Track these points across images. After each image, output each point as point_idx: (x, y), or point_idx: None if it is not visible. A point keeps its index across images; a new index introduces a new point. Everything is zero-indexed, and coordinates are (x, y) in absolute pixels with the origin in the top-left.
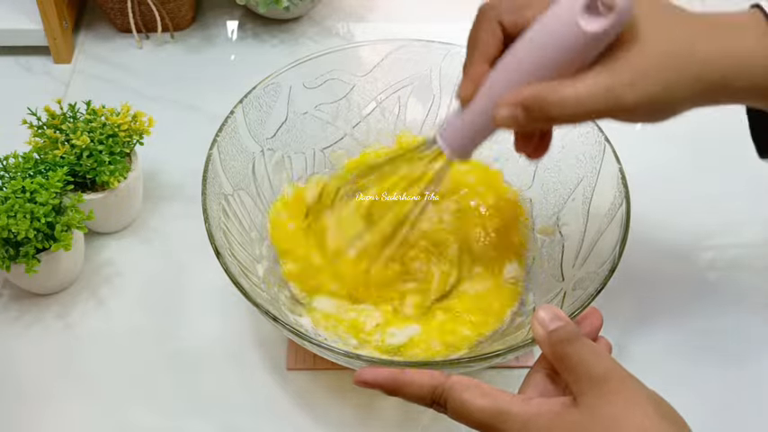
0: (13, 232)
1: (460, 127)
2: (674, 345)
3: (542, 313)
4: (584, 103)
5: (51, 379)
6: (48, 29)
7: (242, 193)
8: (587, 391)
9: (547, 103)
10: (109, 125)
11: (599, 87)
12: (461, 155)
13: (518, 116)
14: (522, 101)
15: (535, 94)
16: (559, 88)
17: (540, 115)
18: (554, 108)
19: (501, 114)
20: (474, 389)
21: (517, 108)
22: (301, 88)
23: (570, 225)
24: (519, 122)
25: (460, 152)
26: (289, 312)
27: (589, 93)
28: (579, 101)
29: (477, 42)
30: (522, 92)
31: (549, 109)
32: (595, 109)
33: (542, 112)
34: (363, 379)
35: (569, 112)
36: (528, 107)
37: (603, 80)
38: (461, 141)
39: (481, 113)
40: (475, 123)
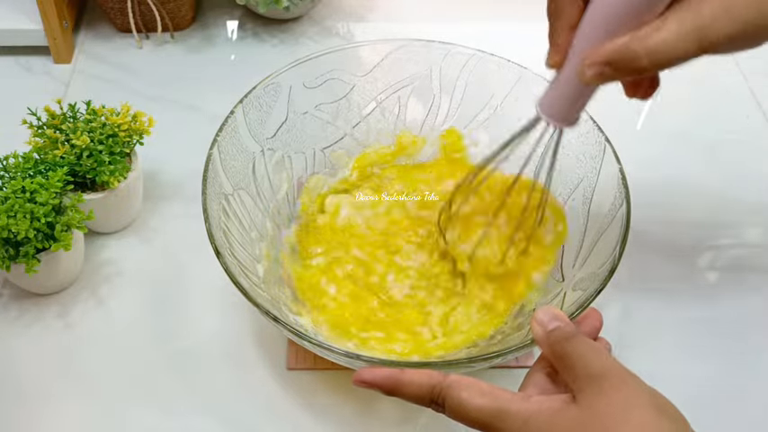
0: (13, 232)
1: (558, 96)
2: (674, 344)
3: (541, 314)
4: (675, 48)
5: (51, 379)
6: (48, 29)
7: (242, 193)
8: (586, 389)
9: (635, 56)
10: (109, 125)
11: (686, 28)
12: (568, 122)
13: (605, 72)
14: (607, 57)
15: (619, 48)
16: (644, 38)
17: (628, 68)
18: (642, 59)
19: (588, 74)
20: (472, 388)
21: (604, 66)
22: (301, 88)
23: (570, 225)
24: (608, 78)
25: (566, 120)
26: (289, 312)
27: (678, 36)
28: (668, 46)
29: (558, 10)
30: (606, 47)
31: (637, 61)
32: (687, 51)
33: (631, 65)
34: (362, 379)
35: (660, 60)
36: (614, 62)
37: (690, 20)
38: (563, 109)
39: (572, 77)
40: (570, 88)
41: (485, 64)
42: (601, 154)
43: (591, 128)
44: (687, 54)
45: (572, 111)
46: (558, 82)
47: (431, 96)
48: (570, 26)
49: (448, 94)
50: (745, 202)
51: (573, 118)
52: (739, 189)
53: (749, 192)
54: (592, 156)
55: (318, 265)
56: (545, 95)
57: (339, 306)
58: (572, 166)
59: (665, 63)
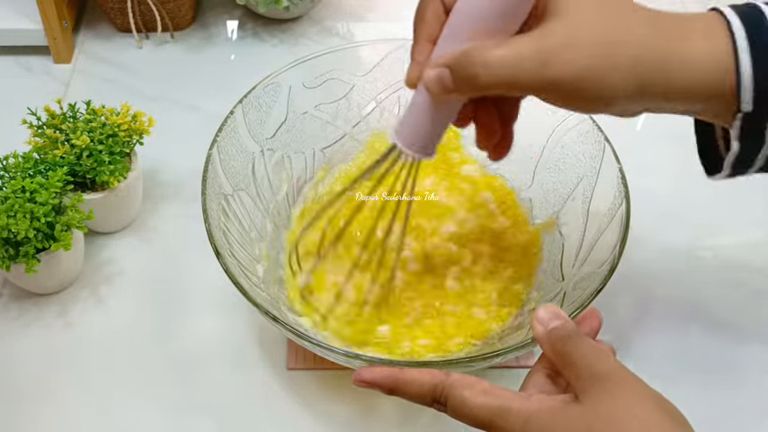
0: (13, 232)
1: (413, 120)
2: (674, 344)
3: (542, 312)
4: (510, 67)
5: (51, 378)
6: (48, 29)
7: (242, 194)
8: (589, 388)
9: (472, 64)
10: (109, 125)
11: (525, 51)
12: (424, 150)
13: (445, 79)
14: (447, 62)
15: (460, 54)
16: (485, 50)
17: (466, 76)
18: (479, 69)
19: (428, 77)
20: (474, 386)
21: (444, 70)
22: (301, 88)
23: (570, 225)
24: (446, 86)
25: (422, 147)
26: (289, 312)
27: (516, 56)
28: (505, 64)
29: (420, 22)
30: (448, 54)
31: (474, 71)
32: (522, 76)
33: (468, 74)
34: (362, 378)
35: (495, 76)
36: (453, 68)
37: (531, 44)
38: (419, 135)
39: (425, 95)
40: (425, 111)
41: None
42: (601, 154)
43: (591, 128)
44: (522, 80)
45: (429, 138)
46: (414, 103)
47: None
48: (430, 39)
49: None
50: (745, 201)
51: (430, 147)
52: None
53: (749, 192)
54: (592, 156)
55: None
56: (401, 121)
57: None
58: (572, 166)
59: (501, 80)
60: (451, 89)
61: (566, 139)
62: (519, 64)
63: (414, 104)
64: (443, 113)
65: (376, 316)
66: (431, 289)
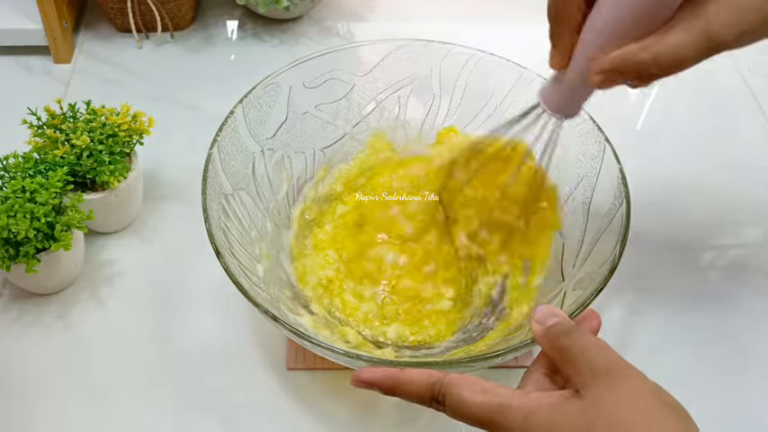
0: (13, 232)
1: (561, 92)
2: (674, 344)
3: (539, 312)
4: (683, 54)
5: (51, 379)
6: (48, 29)
7: (242, 193)
8: (590, 383)
9: (641, 64)
10: (109, 125)
11: (694, 34)
12: (569, 114)
13: (614, 77)
14: (614, 65)
15: (627, 56)
16: (651, 46)
17: (637, 75)
18: (651, 66)
19: (596, 80)
20: (473, 385)
21: (610, 72)
22: (301, 88)
23: (570, 225)
24: (615, 83)
25: (567, 112)
26: (289, 312)
27: (685, 42)
28: (676, 53)
29: (560, 14)
30: (614, 56)
31: (644, 68)
32: (695, 56)
33: (638, 71)
34: (361, 378)
35: (667, 65)
36: (621, 69)
37: (697, 26)
38: (565, 103)
39: (578, 77)
40: (574, 88)
41: (485, 64)
42: (601, 154)
43: (591, 128)
44: (694, 59)
45: (573, 105)
46: (562, 81)
47: (431, 96)
48: (573, 29)
49: (448, 93)
50: (746, 201)
51: (574, 111)
52: (739, 189)
53: (749, 191)
54: (592, 156)
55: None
56: (548, 89)
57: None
58: (572, 166)
59: (672, 68)
60: (620, 83)
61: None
62: (690, 48)
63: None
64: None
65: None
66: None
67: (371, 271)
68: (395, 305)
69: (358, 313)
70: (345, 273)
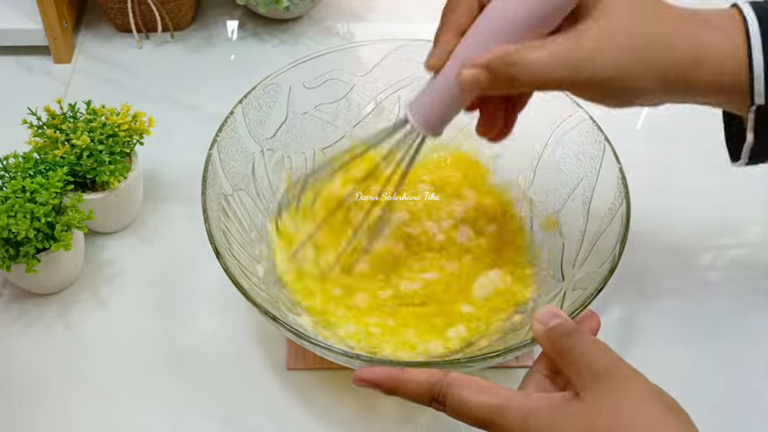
0: (14, 232)
1: (429, 101)
2: (674, 345)
3: (541, 312)
4: (546, 68)
5: (51, 379)
6: (48, 29)
7: (242, 194)
8: (590, 385)
9: (511, 65)
10: (109, 125)
11: (561, 54)
12: (433, 130)
13: (482, 78)
14: (486, 62)
15: (500, 55)
16: (524, 51)
17: (504, 77)
18: (518, 70)
19: (465, 76)
20: (473, 385)
21: (482, 69)
22: (301, 88)
23: (570, 225)
24: (483, 84)
25: (432, 127)
26: (288, 312)
27: (551, 58)
28: (542, 65)
29: (451, 12)
30: (487, 54)
31: (513, 71)
32: (557, 77)
33: (506, 74)
34: (362, 378)
35: (532, 76)
36: (492, 68)
37: (566, 47)
38: (432, 115)
39: (449, 82)
40: (444, 94)
41: None
42: (601, 154)
43: (591, 128)
44: (557, 80)
45: (441, 119)
46: (434, 85)
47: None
48: (458, 29)
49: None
50: (746, 201)
51: (439, 126)
52: (739, 189)
53: (749, 191)
54: (592, 156)
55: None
56: (417, 98)
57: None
58: (572, 166)
59: (534, 81)
60: (486, 87)
61: (566, 139)
62: (555, 67)
63: (433, 89)
64: (460, 101)
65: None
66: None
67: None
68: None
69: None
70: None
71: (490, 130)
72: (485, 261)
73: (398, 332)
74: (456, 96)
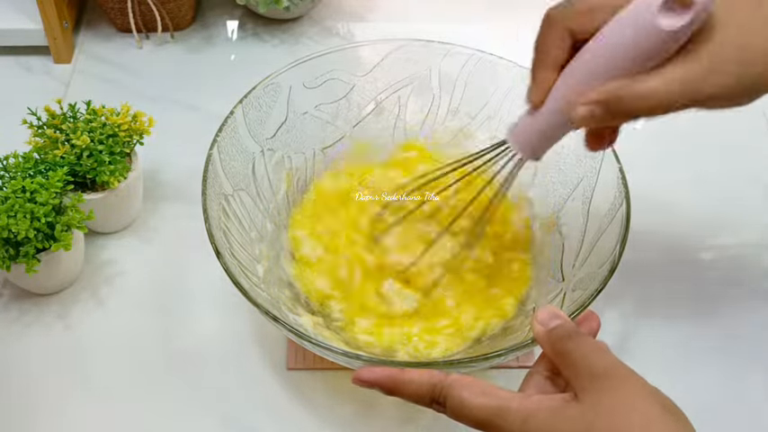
0: (14, 232)
1: (533, 130)
2: (674, 344)
3: (542, 313)
4: (661, 97)
5: (51, 379)
6: (48, 29)
7: (242, 194)
8: (589, 387)
9: (624, 100)
10: (109, 125)
11: (675, 81)
12: (535, 156)
13: (595, 113)
14: (599, 99)
15: (612, 91)
16: (636, 84)
17: (617, 111)
18: (631, 103)
19: (578, 113)
20: (473, 387)
21: (596, 106)
22: (301, 88)
23: (570, 225)
24: (596, 119)
25: (536, 153)
26: (289, 312)
27: (666, 87)
28: (656, 95)
29: (546, 48)
30: (599, 89)
31: (626, 105)
32: (672, 101)
33: (620, 108)
34: (362, 378)
35: (646, 106)
36: (605, 104)
37: (679, 73)
38: (535, 143)
39: (554, 115)
40: (548, 125)
41: (485, 64)
42: (601, 154)
43: None
44: (674, 104)
45: (542, 147)
46: (538, 117)
47: (431, 96)
48: (555, 65)
49: (448, 93)
50: (746, 201)
51: (540, 153)
52: (739, 189)
53: (749, 191)
54: (592, 156)
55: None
56: (520, 125)
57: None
58: (572, 166)
59: (649, 110)
60: (602, 122)
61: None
62: (670, 96)
63: (538, 121)
64: (567, 131)
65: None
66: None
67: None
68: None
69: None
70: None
71: (599, 144)
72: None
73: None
74: (562, 127)
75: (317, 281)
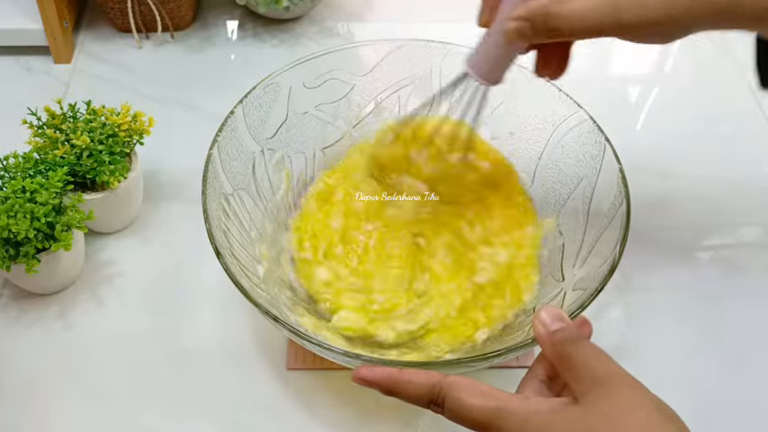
0: (14, 232)
1: (485, 54)
2: (674, 345)
3: (544, 314)
4: (588, 17)
5: (51, 379)
6: (48, 29)
7: (242, 193)
8: (589, 391)
9: (552, 17)
10: (109, 125)
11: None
12: (492, 79)
13: (523, 29)
14: (526, 15)
15: (537, 9)
16: (563, 3)
17: (543, 28)
18: (559, 21)
19: (509, 27)
20: (472, 388)
21: (523, 22)
22: (301, 88)
23: (570, 225)
24: (526, 35)
25: (491, 77)
26: (289, 312)
27: (593, 7)
28: (583, 14)
29: None
30: (527, 6)
31: (553, 22)
32: (599, 23)
33: (545, 25)
34: (361, 376)
35: (573, 25)
36: (531, 20)
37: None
38: (489, 65)
39: (498, 35)
40: (495, 45)
41: None
42: (601, 154)
43: (591, 128)
44: (599, 27)
45: (496, 70)
46: (487, 38)
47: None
48: None
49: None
50: (746, 201)
51: (497, 77)
52: (739, 189)
53: (749, 191)
54: (592, 156)
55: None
56: (474, 53)
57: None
58: (572, 166)
59: (576, 30)
60: (530, 38)
61: (566, 139)
62: (594, 14)
63: (486, 42)
64: (513, 49)
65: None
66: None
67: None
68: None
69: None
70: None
71: (546, 69)
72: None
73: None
74: (507, 50)
75: (316, 271)
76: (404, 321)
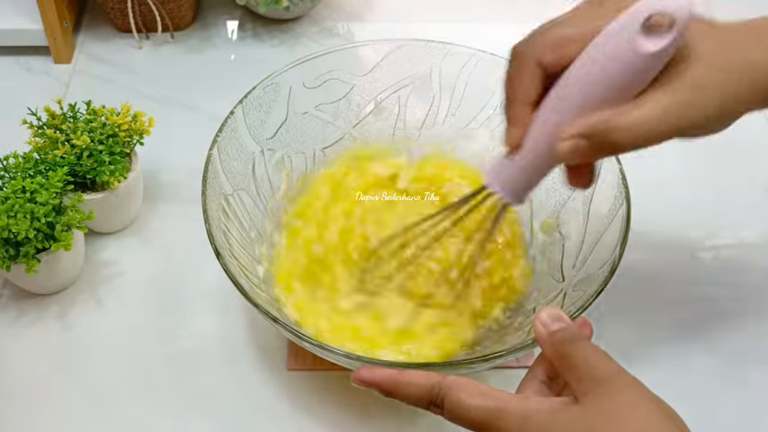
0: (14, 232)
1: (515, 172)
2: (674, 345)
3: (545, 314)
4: (648, 127)
5: (51, 379)
6: (48, 29)
7: (242, 194)
8: (590, 391)
9: (610, 132)
10: (109, 125)
11: (661, 109)
12: (523, 198)
13: (580, 147)
14: (583, 132)
15: (596, 124)
16: (621, 116)
17: (603, 144)
18: (617, 135)
19: (562, 148)
20: (471, 388)
21: (580, 140)
22: (301, 88)
23: (570, 225)
24: (582, 154)
25: (519, 197)
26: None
27: (652, 115)
28: (642, 125)
29: (517, 86)
30: (582, 123)
31: (612, 138)
32: (660, 131)
33: (606, 141)
34: (361, 378)
35: (634, 138)
36: (590, 137)
37: (665, 101)
38: (518, 185)
39: (536, 154)
40: (531, 166)
41: (485, 64)
42: None
43: None
44: (661, 133)
45: (528, 188)
46: (519, 159)
47: (431, 96)
48: (529, 101)
49: (448, 93)
50: (746, 202)
51: (526, 195)
52: (739, 189)
53: (749, 192)
54: None
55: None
56: (498, 168)
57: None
58: None
59: (636, 142)
60: (587, 156)
61: None
62: (657, 123)
63: (518, 163)
64: (549, 169)
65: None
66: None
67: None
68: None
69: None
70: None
71: (579, 179)
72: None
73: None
74: (545, 166)
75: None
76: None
